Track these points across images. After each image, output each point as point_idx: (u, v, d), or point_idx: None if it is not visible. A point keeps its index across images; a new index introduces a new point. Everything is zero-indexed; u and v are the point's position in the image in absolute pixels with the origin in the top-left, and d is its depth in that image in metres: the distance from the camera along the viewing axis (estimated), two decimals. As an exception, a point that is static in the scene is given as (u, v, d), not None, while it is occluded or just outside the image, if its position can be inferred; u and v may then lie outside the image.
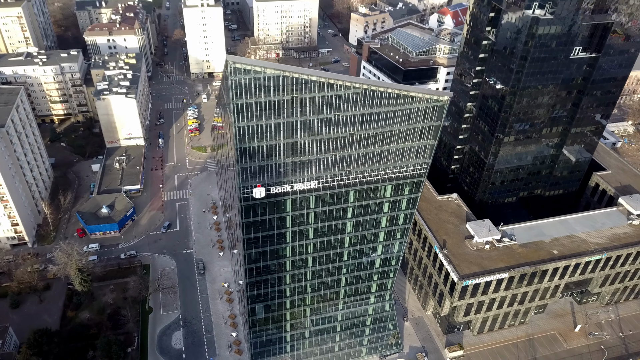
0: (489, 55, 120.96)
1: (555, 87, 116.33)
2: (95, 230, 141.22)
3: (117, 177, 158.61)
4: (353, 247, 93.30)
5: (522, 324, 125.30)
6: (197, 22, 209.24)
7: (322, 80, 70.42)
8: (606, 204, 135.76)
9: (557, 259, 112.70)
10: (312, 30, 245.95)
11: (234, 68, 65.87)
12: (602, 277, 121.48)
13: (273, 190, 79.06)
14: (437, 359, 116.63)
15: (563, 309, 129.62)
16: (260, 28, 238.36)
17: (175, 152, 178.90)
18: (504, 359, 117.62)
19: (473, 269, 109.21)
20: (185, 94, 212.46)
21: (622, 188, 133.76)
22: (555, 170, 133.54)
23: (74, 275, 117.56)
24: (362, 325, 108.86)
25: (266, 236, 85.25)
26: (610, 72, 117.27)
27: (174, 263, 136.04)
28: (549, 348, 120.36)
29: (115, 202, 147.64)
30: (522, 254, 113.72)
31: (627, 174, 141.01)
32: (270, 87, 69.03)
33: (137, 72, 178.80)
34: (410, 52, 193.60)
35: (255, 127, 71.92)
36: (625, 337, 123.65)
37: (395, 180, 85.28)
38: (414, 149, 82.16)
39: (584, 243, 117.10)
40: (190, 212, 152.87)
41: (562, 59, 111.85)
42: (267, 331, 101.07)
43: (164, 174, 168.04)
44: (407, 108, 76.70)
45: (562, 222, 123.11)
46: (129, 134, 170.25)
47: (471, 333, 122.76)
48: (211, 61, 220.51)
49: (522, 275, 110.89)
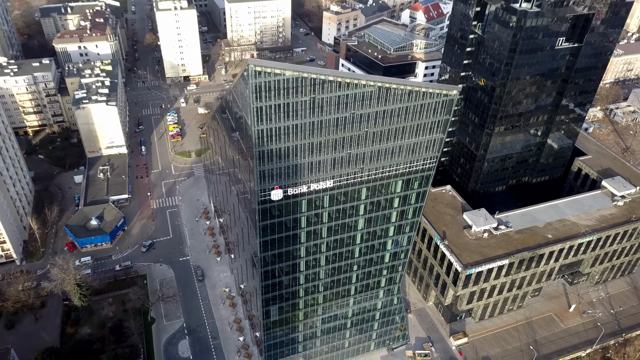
0: (475, 49, 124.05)
1: (541, 77, 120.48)
2: (87, 243, 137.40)
3: (102, 188, 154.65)
4: (364, 243, 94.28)
5: (520, 307, 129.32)
6: (170, 25, 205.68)
7: (339, 79, 70.97)
8: (589, 187, 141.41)
9: (552, 242, 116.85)
10: (286, 30, 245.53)
11: (255, 71, 65.63)
12: (592, 257, 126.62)
13: (290, 191, 79.12)
14: (443, 347, 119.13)
15: (556, 291, 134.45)
16: (234, 29, 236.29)
17: (159, 158, 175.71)
18: (506, 342, 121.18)
19: (475, 257, 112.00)
20: (163, 99, 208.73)
21: (604, 171, 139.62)
22: (541, 158, 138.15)
23: (73, 290, 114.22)
24: (371, 320, 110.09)
25: (282, 238, 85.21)
26: (591, 61, 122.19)
27: (172, 271, 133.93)
28: (547, 329, 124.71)
29: (104, 213, 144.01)
30: (519, 240, 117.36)
31: (606, 157, 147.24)
32: (288, 89, 69.09)
33: (114, 79, 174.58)
34: (387, 48, 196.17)
35: (274, 130, 71.84)
36: (617, 314, 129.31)
37: (406, 175, 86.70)
38: (424, 143, 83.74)
39: (575, 226, 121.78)
40: (182, 219, 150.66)
41: (548, 50, 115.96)
42: (281, 332, 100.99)
43: (150, 181, 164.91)
44: (418, 104, 78.14)
45: (553, 206, 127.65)
46: (111, 142, 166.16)
47: (473, 320, 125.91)
48: (186, 65, 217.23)
49: (521, 261, 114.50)
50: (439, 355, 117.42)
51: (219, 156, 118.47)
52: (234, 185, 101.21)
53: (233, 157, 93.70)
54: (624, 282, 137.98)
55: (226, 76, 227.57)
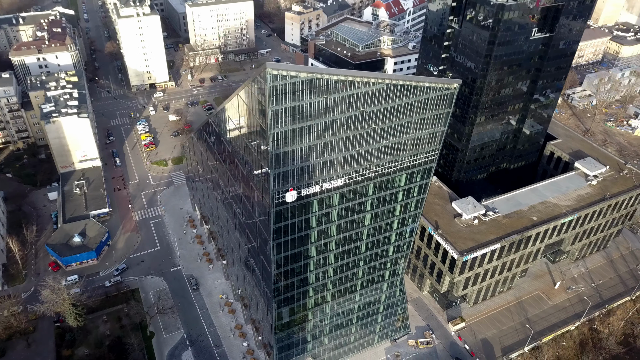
0: (453, 43, 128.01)
1: (518, 67, 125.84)
2: (72, 261, 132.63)
3: (80, 203, 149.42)
4: (370, 238, 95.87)
5: (509, 289, 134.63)
6: (133, 32, 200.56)
7: (350, 79, 72.08)
8: (562, 169, 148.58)
9: (538, 224, 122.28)
10: (249, 32, 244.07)
11: (272, 75, 65.82)
12: (572, 236, 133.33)
13: (303, 192, 79.64)
14: (442, 334, 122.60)
15: (541, 270, 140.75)
16: (197, 34, 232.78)
17: (135, 169, 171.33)
18: (501, 323, 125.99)
19: (468, 244, 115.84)
20: (131, 108, 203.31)
21: (574, 153, 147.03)
22: (518, 144, 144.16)
23: (68, 311, 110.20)
24: (375, 314, 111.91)
25: (294, 239, 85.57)
26: (561, 50, 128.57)
27: (164, 283, 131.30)
28: (536, 307, 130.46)
29: (86, 229, 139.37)
30: (508, 224, 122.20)
31: (574, 140, 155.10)
32: (303, 91, 69.62)
33: (82, 90, 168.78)
34: (356, 45, 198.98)
35: (289, 132, 72.15)
36: (598, 287, 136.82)
37: (410, 168, 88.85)
38: (426, 137, 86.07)
39: (556, 207, 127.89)
40: (168, 229, 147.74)
41: (523, 41, 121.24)
42: (291, 334, 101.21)
43: (129, 193, 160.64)
44: (422, 98, 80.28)
45: (534, 190, 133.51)
46: (84, 155, 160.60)
47: (467, 305, 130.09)
48: (152, 72, 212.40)
49: (511, 244, 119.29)
50: (440, 342, 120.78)
51: (210, 164, 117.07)
52: (235, 191, 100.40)
53: (237, 163, 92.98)
54: (600, 257, 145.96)
55: (193, 81, 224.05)
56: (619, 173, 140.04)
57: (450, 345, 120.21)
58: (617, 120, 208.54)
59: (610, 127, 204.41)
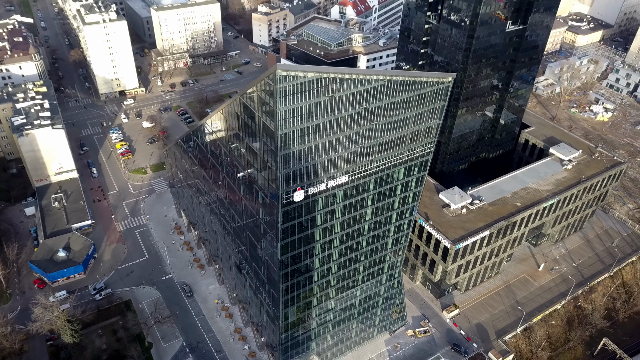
0: (432, 38, 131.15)
1: (495, 59, 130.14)
2: (58, 276, 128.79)
3: (61, 217, 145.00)
4: (371, 233, 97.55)
5: (497, 274, 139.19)
6: (100, 39, 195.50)
7: (354, 76, 73.39)
8: (536, 156, 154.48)
9: (522, 209, 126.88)
10: (217, 34, 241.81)
11: (281, 76, 66.36)
12: (552, 219, 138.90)
13: (310, 191, 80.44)
14: (438, 322, 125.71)
15: (524, 254, 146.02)
16: (164, 38, 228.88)
17: (113, 179, 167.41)
18: (492, 307, 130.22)
19: (460, 232, 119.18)
20: (102, 117, 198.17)
21: (548, 140, 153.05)
22: (495, 134, 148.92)
23: (63, 327, 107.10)
24: (375, 307, 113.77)
25: (300, 238, 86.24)
26: (533, 41, 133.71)
27: (157, 292, 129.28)
28: (524, 289, 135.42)
29: (70, 243, 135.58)
30: (494, 211, 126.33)
31: (546, 127, 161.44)
32: (310, 90, 70.45)
33: (53, 101, 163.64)
34: (328, 44, 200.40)
35: (296, 132, 72.84)
36: (578, 266, 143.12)
37: (407, 162, 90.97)
38: (423, 130, 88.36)
39: (537, 192, 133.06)
40: (155, 237, 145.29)
41: (499, 33, 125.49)
42: (296, 333, 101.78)
43: (110, 203, 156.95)
44: (420, 93, 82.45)
45: (514, 177, 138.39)
46: (60, 168, 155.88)
47: (459, 292, 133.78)
48: (121, 79, 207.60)
49: (499, 230, 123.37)
50: (437, 330, 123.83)
51: (200, 170, 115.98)
52: (233, 196, 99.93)
53: (236, 166, 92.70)
54: (578, 237, 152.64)
55: (163, 87, 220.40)
56: (591, 156, 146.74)
57: (447, 332, 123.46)
58: (579, 106, 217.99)
59: (574, 113, 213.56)
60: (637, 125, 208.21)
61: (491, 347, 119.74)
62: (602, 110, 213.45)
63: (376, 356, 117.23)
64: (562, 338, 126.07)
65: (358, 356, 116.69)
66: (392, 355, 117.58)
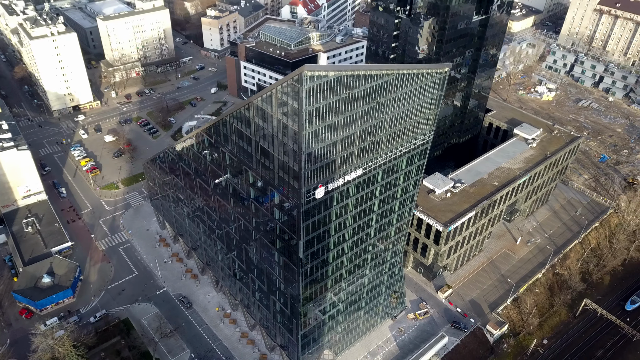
0: (403, 32, 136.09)
1: (463, 49, 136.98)
2: (47, 303, 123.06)
3: (37, 241, 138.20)
4: (378, 224, 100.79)
5: (480, 252, 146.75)
6: (50, 53, 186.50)
7: (368, 73, 76.09)
8: (501, 138, 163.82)
9: (500, 188, 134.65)
10: (168, 41, 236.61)
11: (308, 76, 68.03)
12: (524, 194, 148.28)
13: (330, 187, 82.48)
14: (435, 303, 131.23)
15: (501, 230, 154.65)
16: (114, 48, 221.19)
17: (84, 197, 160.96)
18: (481, 283, 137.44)
19: (448, 215, 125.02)
20: (60, 134, 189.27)
21: (510, 121, 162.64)
22: (465, 119, 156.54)
23: (69, 354, 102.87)
24: (379, 295, 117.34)
25: (320, 234, 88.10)
26: (495, 29, 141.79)
27: (154, 307, 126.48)
28: (506, 263, 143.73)
29: (53, 267, 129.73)
30: (475, 192, 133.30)
31: (506, 110, 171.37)
32: (331, 89, 72.48)
33: (10, 121, 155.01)
34: (287, 44, 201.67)
35: (318, 130, 74.68)
36: (550, 236, 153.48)
37: (410, 152, 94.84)
38: (423, 120, 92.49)
39: (510, 171, 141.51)
40: (140, 252, 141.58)
41: (466, 23, 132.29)
42: (313, 329, 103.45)
43: (86, 223, 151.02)
44: (422, 84, 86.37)
45: (487, 158, 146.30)
46: (28, 190, 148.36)
47: (449, 273, 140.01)
48: (74, 93, 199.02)
49: (482, 210, 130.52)
50: (435, 310, 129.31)
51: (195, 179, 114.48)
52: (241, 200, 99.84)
53: (245, 170, 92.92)
54: (546, 210, 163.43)
55: (118, 98, 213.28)
56: (551, 134, 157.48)
57: (445, 312, 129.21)
58: (526, 88, 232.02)
59: (522, 95, 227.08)
60: (578, 102, 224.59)
61: (487, 320, 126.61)
62: (546, 90, 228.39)
63: (383, 342, 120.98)
64: (546, 304, 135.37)
65: (366, 345, 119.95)
66: (398, 339, 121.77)
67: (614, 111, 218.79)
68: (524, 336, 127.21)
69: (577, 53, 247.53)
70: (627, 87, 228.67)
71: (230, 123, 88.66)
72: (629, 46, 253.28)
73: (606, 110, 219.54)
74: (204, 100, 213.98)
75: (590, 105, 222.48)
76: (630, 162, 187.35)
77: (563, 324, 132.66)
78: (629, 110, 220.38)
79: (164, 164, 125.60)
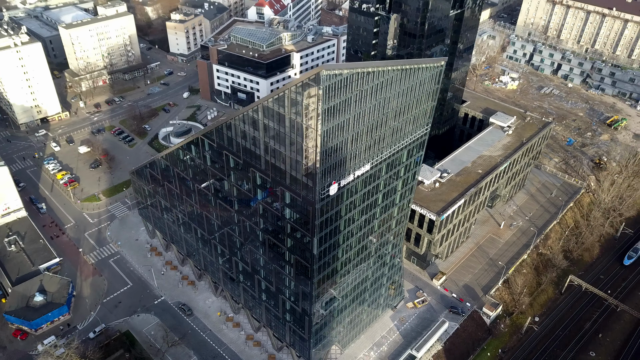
0: (382, 29, 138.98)
1: (442, 42, 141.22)
2: (42, 322, 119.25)
3: (22, 260, 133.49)
4: (381, 216, 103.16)
5: (468, 238, 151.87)
6: (14, 65, 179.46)
7: (377, 69, 78.20)
8: (477, 127, 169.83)
9: (485, 175, 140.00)
10: (134, 47, 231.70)
11: (327, 75, 69.47)
12: (505, 180, 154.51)
13: (342, 183, 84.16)
14: (431, 290, 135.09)
15: (484, 216, 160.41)
16: (78, 57, 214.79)
17: (65, 211, 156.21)
18: (472, 268, 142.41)
19: (440, 205, 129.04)
20: (30, 148, 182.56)
21: (484, 111, 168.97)
22: (444, 111, 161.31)
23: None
24: (380, 288, 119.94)
25: (331, 231, 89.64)
26: (468, 22, 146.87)
27: (155, 317, 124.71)
28: (493, 247, 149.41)
29: (43, 285, 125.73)
30: (462, 181, 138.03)
31: (479, 100, 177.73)
32: (345, 87, 74.14)
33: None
34: (260, 45, 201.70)
35: (332, 128, 76.25)
36: (530, 219, 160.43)
37: (410, 144, 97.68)
38: (421, 112, 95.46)
39: (491, 158, 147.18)
40: (133, 263, 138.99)
41: (444, 18, 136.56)
42: (324, 325, 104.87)
43: (70, 237, 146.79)
44: (421, 78, 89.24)
45: (468, 148, 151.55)
46: (7, 208, 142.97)
47: (441, 260, 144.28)
48: (41, 105, 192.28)
49: (470, 197, 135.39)
50: (432, 297, 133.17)
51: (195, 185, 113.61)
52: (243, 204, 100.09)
53: (252, 172, 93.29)
54: (523, 194, 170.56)
55: (87, 108, 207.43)
56: (524, 121, 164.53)
57: (441, 298, 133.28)
58: (491, 78, 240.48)
59: (488, 85, 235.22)
60: (540, 89, 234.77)
61: (482, 303, 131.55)
62: (509, 80, 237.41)
63: (386, 333, 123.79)
64: (534, 283, 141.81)
65: (371, 336, 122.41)
66: (401, 328, 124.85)
67: (574, 97, 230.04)
68: (517, 315, 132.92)
69: (535, 43, 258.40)
70: (583, 74, 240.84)
71: (236, 126, 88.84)
72: (581, 34, 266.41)
73: (567, 96, 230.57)
74: (177, 106, 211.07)
75: (552, 92, 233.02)
76: (594, 143, 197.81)
77: (551, 301, 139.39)
78: (587, 95, 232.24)
79: (156, 171, 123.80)
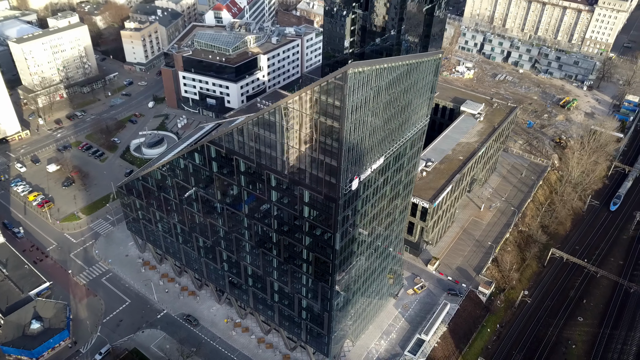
0: (359, 26, 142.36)
1: (417, 36, 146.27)
2: (44, 350, 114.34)
3: (9, 288, 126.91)
4: (388, 209, 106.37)
5: (453, 223, 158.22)
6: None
7: (389, 65, 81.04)
8: (449, 116, 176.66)
9: (466, 161, 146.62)
10: (90, 58, 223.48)
11: (353, 73, 71.59)
12: (482, 165, 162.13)
13: (362, 177, 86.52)
14: (427, 275, 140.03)
15: (464, 200, 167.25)
16: (32, 72, 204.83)
17: (44, 234, 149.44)
18: (462, 251, 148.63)
19: (430, 192, 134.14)
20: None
21: (454, 100, 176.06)
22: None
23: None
24: (384, 278, 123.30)
25: (350, 225, 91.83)
26: (440, 15, 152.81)
27: (160, 331, 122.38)
28: (477, 229, 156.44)
29: (37, 311, 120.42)
30: (446, 168, 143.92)
31: (447, 90, 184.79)
32: (366, 83, 76.50)
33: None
34: (225, 50, 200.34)
35: (355, 124, 78.51)
36: (507, 199, 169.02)
37: (413, 136, 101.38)
38: (423, 103, 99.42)
39: (469, 145, 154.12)
40: (127, 280, 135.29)
41: (419, 13, 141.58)
42: (341, 320, 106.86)
43: (55, 260, 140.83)
44: (424, 70, 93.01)
45: (446, 136, 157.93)
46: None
47: (432, 246, 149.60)
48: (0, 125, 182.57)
49: (457, 183, 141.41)
50: (429, 282, 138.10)
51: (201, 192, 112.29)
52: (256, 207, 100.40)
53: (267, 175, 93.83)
54: (495, 177, 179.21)
55: (48, 125, 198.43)
56: (492, 107, 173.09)
57: (438, 282, 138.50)
58: (448, 69, 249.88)
59: (447, 76, 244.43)
60: (495, 76, 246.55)
61: (476, 283, 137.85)
62: (465, 69, 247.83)
63: (393, 320, 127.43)
64: (519, 259, 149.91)
65: (379, 326, 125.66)
66: (405, 315, 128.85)
67: (526, 82, 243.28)
68: (508, 291, 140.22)
69: (485, 33, 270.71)
70: (532, 59, 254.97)
71: (250, 130, 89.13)
72: (524, 22, 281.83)
73: (520, 81, 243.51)
74: (143, 116, 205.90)
75: (505, 78, 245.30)
76: (552, 124, 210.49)
77: (536, 274, 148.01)
78: (538, 79, 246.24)
79: (150, 183, 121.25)
